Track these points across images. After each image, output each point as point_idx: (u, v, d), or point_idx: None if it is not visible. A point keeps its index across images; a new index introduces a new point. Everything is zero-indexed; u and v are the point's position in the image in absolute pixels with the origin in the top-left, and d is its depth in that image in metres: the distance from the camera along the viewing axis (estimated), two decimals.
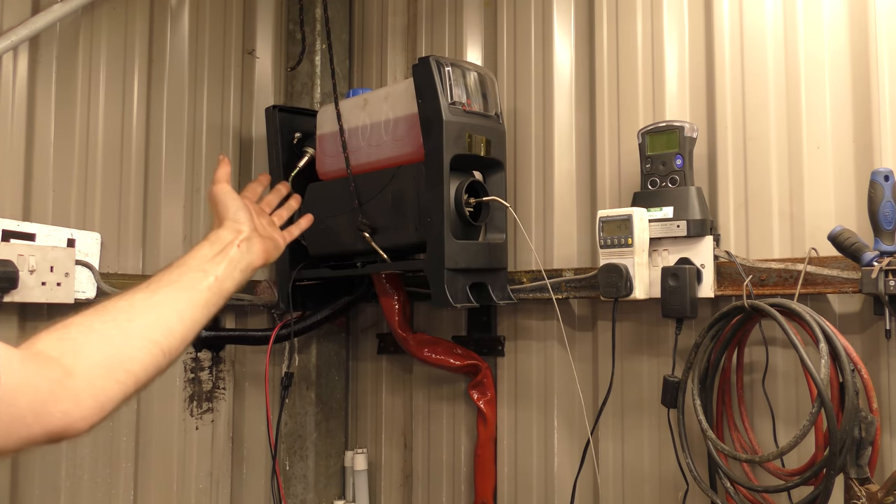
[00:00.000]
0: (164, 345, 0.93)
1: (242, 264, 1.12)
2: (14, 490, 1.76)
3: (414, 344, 2.08)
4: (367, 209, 1.88)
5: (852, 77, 1.49)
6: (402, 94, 1.83)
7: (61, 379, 0.81)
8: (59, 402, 0.80)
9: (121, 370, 0.88)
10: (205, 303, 1.02)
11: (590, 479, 1.81)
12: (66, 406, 0.81)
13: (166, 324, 0.95)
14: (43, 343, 0.84)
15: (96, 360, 0.86)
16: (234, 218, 1.16)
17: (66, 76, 1.88)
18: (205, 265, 1.06)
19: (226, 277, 1.07)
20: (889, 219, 1.35)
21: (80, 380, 0.83)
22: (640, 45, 1.78)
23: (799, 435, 1.32)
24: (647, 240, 1.61)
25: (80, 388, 0.83)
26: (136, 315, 0.93)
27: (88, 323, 0.89)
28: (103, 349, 0.87)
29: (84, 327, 0.88)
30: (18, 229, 1.73)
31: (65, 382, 0.81)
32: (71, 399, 0.81)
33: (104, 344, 0.88)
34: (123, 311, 0.92)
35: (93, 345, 0.87)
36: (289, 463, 2.30)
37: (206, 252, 1.08)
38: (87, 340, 0.87)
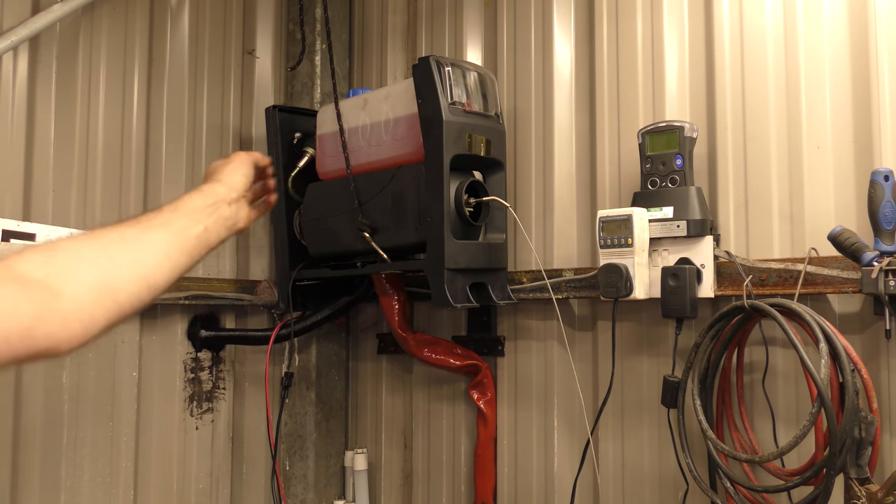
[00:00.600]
0: (150, 280, 0.94)
1: (230, 222, 1.15)
2: (14, 490, 1.76)
3: (414, 344, 2.08)
4: (367, 209, 1.88)
5: (852, 77, 1.49)
6: (402, 94, 1.83)
7: (48, 301, 0.80)
8: (45, 324, 0.80)
9: (108, 297, 0.88)
10: (190, 249, 1.04)
11: (590, 479, 1.81)
12: (52, 328, 0.80)
13: (154, 261, 0.96)
14: (27, 263, 0.83)
15: (85, 284, 0.85)
16: (231, 176, 1.20)
17: (66, 76, 1.88)
18: (196, 214, 1.08)
19: (213, 230, 1.10)
20: (889, 219, 1.35)
21: (67, 302, 0.82)
22: (640, 45, 1.78)
23: (799, 435, 1.32)
24: (647, 240, 1.61)
25: (67, 310, 0.82)
26: (126, 247, 0.94)
27: (77, 249, 0.89)
28: (92, 274, 0.87)
29: (72, 253, 0.88)
30: (18, 229, 1.73)
31: (51, 304, 0.81)
32: (58, 322, 0.81)
33: (93, 270, 0.87)
34: (114, 241, 0.93)
35: (81, 269, 0.86)
36: (289, 463, 2.30)
37: (199, 202, 1.11)
38: (76, 265, 0.86)
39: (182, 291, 2.02)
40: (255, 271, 2.27)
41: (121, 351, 1.96)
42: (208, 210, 1.11)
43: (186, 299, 2.01)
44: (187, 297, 2.02)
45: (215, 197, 1.14)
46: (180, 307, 2.07)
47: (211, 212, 1.11)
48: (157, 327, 2.04)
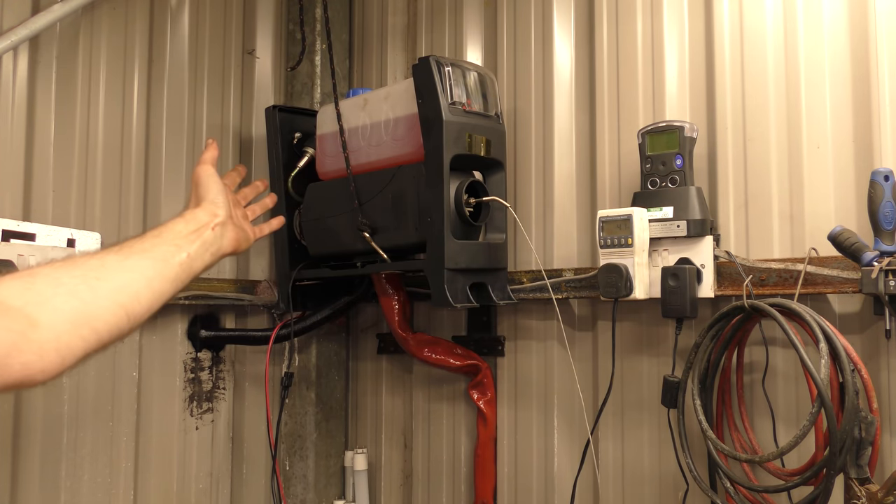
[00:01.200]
0: (129, 309, 0.93)
1: (213, 248, 1.13)
2: (14, 490, 1.76)
3: (414, 344, 2.08)
4: (367, 209, 1.88)
5: (852, 77, 1.49)
6: (402, 94, 1.83)
7: (24, 330, 0.79)
8: (20, 354, 0.78)
9: (86, 327, 0.86)
10: (174, 277, 1.03)
11: (590, 479, 1.81)
12: (28, 358, 0.79)
13: (135, 289, 0.94)
14: (5, 290, 0.81)
15: (63, 313, 0.84)
16: (212, 201, 1.17)
17: (66, 76, 1.88)
18: (179, 240, 1.07)
19: (197, 257, 1.08)
20: (889, 219, 1.35)
21: (44, 332, 0.81)
22: (640, 45, 1.78)
23: (799, 435, 1.32)
24: (647, 240, 1.61)
25: (44, 340, 0.81)
26: (106, 275, 0.92)
27: (56, 276, 0.87)
28: (70, 303, 0.85)
29: (51, 279, 0.86)
30: (18, 229, 1.73)
31: (28, 334, 0.79)
32: (34, 352, 0.79)
33: (71, 298, 0.86)
34: (93, 269, 0.91)
35: (59, 298, 0.85)
36: (289, 463, 2.30)
37: (181, 228, 1.09)
38: (54, 293, 0.85)
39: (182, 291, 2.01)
40: (255, 271, 2.27)
41: (121, 351, 1.96)
42: (191, 237, 1.09)
43: (186, 299, 2.01)
44: (187, 296, 2.02)
45: (197, 223, 1.11)
46: (180, 307, 2.07)
47: (194, 238, 1.09)
48: (157, 327, 2.04)
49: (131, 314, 0.93)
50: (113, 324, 0.90)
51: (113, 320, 0.90)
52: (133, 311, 0.93)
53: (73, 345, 0.85)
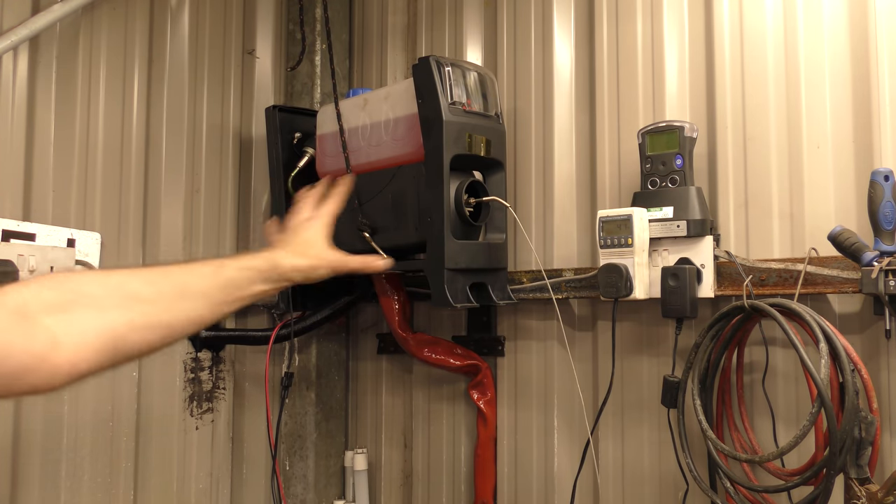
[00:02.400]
0: (157, 345, 0.93)
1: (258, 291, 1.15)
2: (14, 490, 1.76)
3: (414, 344, 2.08)
4: (367, 209, 1.88)
5: (852, 77, 1.49)
6: (402, 94, 1.83)
7: (45, 354, 0.78)
8: (33, 375, 0.78)
9: (109, 355, 0.86)
10: (210, 320, 1.04)
11: (590, 479, 1.81)
12: (39, 379, 0.79)
13: (173, 329, 0.95)
14: (39, 302, 0.80)
15: (90, 341, 0.83)
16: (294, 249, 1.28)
17: (66, 76, 1.88)
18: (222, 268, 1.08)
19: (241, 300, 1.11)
20: (889, 219, 1.35)
21: (64, 355, 0.80)
22: (640, 45, 1.78)
23: (799, 435, 1.32)
24: (647, 240, 1.61)
25: (61, 362, 0.80)
26: (151, 311, 0.92)
27: (98, 300, 0.86)
28: (103, 336, 0.85)
29: (92, 305, 0.85)
30: (18, 229, 1.73)
31: (47, 357, 0.79)
32: (47, 372, 0.79)
33: (106, 330, 0.85)
34: (140, 301, 0.91)
35: (92, 327, 0.84)
36: (289, 463, 2.30)
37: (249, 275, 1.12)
38: (89, 321, 0.84)
39: None
40: None
41: None
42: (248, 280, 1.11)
43: None
44: None
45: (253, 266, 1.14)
46: None
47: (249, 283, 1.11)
48: None
49: (156, 348, 0.94)
50: (134, 354, 0.91)
51: (137, 352, 0.91)
52: (159, 346, 0.94)
53: (89, 369, 0.84)
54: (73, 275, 0.88)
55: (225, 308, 1.06)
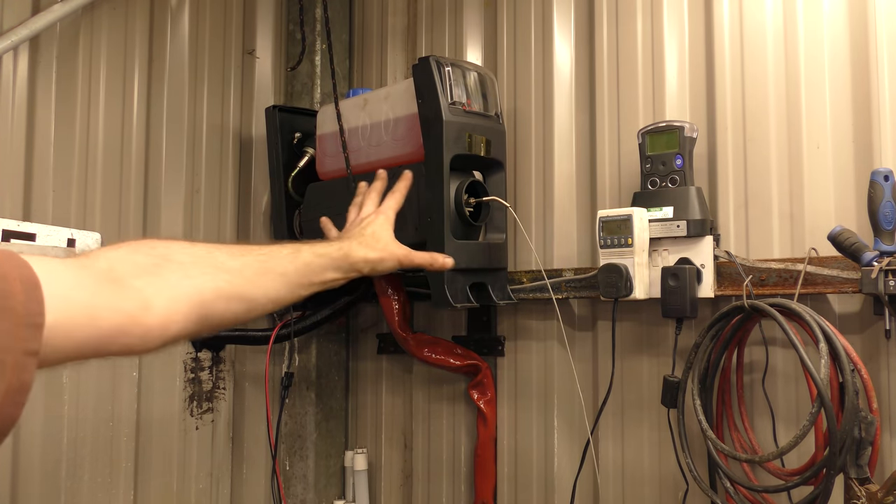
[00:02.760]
0: (241, 317, 0.95)
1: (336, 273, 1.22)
2: (14, 490, 1.76)
3: (414, 344, 2.08)
4: None
5: (852, 77, 1.49)
6: (402, 94, 1.83)
7: (136, 315, 0.78)
8: (126, 336, 0.78)
9: (198, 320, 0.87)
10: (293, 298, 1.07)
11: (590, 479, 1.81)
12: (132, 342, 0.79)
13: (257, 301, 0.97)
14: (132, 262, 0.81)
15: (180, 305, 0.84)
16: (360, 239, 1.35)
17: (66, 76, 1.88)
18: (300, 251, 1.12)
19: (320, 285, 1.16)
20: (889, 219, 1.35)
21: (155, 317, 0.80)
22: (640, 45, 1.78)
23: (799, 435, 1.32)
24: (647, 240, 1.61)
25: (152, 324, 0.80)
26: (237, 281, 0.93)
27: (186, 268, 0.87)
28: (192, 298, 0.85)
29: (182, 272, 0.86)
30: (18, 229, 1.73)
31: (139, 318, 0.78)
32: (139, 336, 0.79)
33: (194, 294, 0.86)
34: (229, 271, 0.92)
35: (182, 290, 0.84)
36: (289, 463, 2.30)
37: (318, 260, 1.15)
38: (178, 284, 0.84)
39: None
40: None
41: None
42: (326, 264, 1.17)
43: None
44: None
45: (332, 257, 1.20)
46: None
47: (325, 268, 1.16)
48: None
49: (240, 320, 0.95)
50: (221, 325, 0.92)
51: (223, 322, 0.92)
52: (243, 318, 0.95)
53: (179, 332, 0.85)
54: (161, 241, 0.89)
55: (300, 291, 1.09)
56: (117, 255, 0.82)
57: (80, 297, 0.73)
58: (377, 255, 1.33)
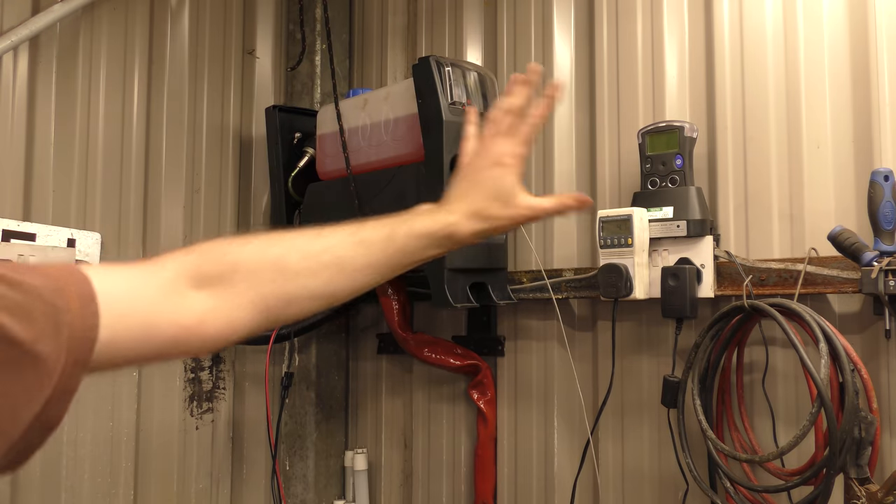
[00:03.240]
0: (329, 304, 0.93)
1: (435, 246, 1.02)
2: (14, 490, 1.76)
3: (414, 344, 2.08)
4: (367, 209, 1.88)
5: (852, 76, 1.49)
6: (402, 94, 1.83)
7: (194, 327, 0.80)
8: (183, 346, 0.80)
9: (264, 322, 0.86)
10: (375, 283, 0.98)
11: (590, 479, 1.81)
12: (190, 350, 0.81)
13: (346, 286, 0.93)
14: (200, 272, 0.81)
15: (243, 313, 0.84)
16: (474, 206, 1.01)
17: (66, 76, 1.88)
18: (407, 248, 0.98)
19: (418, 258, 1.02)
20: (889, 219, 1.35)
21: (214, 327, 0.81)
22: (640, 45, 1.78)
23: (799, 435, 1.32)
24: (647, 240, 1.61)
25: (209, 334, 0.81)
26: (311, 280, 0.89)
27: (257, 274, 0.85)
28: (257, 305, 0.85)
29: (249, 279, 0.84)
30: (18, 229, 1.73)
31: (197, 330, 0.80)
32: (197, 344, 0.81)
33: (259, 301, 0.85)
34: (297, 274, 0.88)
35: (247, 298, 0.84)
36: (289, 463, 2.30)
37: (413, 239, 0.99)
38: (244, 292, 0.84)
39: None
40: None
41: None
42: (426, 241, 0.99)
43: None
44: None
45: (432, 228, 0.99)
46: None
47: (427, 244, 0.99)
48: None
49: (316, 310, 0.92)
50: (299, 314, 0.90)
51: (298, 312, 0.90)
52: (319, 308, 0.92)
53: (241, 334, 0.85)
54: (234, 245, 0.87)
55: (391, 274, 1.00)
56: (185, 264, 0.82)
57: (138, 312, 0.75)
58: (491, 224, 1.01)
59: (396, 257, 0.98)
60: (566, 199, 1.05)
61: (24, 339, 0.62)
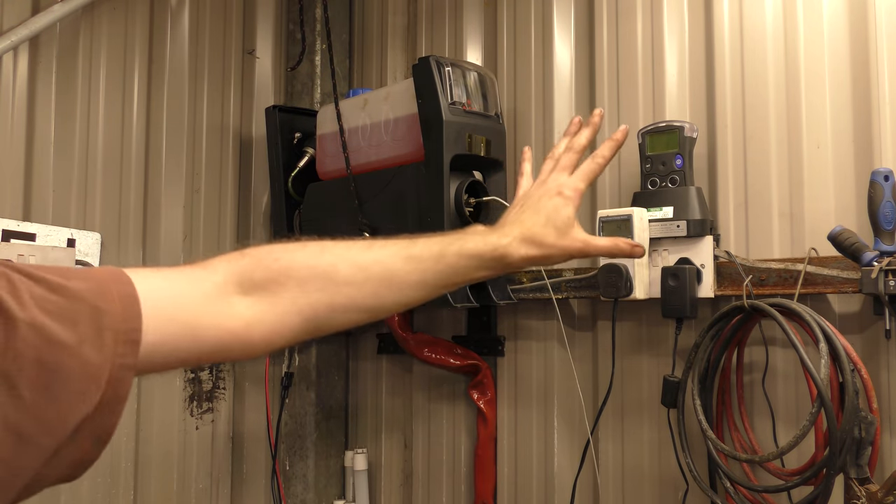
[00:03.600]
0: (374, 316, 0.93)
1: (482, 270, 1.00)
2: None
3: (414, 344, 2.08)
4: (367, 209, 1.89)
5: (852, 76, 1.49)
6: (402, 94, 1.83)
7: (240, 333, 0.80)
8: (228, 352, 0.81)
9: (311, 331, 0.86)
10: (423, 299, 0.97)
11: (590, 479, 1.81)
12: (235, 354, 0.82)
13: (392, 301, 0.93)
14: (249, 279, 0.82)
15: (290, 320, 0.84)
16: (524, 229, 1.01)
17: (66, 76, 1.88)
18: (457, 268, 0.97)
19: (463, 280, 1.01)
20: (889, 219, 1.35)
21: (259, 334, 0.82)
22: (640, 45, 1.78)
23: (799, 435, 1.32)
24: (647, 240, 1.61)
25: (256, 342, 0.82)
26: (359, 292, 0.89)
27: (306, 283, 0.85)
28: (304, 314, 0.85)
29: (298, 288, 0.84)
30: (18, 229, 1.73)
31: (242, 336, 0.80)
32: (241, 350, 0.81)
33: (307, 309, 0.85)
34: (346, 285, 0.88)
35: (295, 307, 0.84)
36: (289, 463, 2.30)
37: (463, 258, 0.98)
38: (293, 300, 0.84)
39: None
40: None
41: None
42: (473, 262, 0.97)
43: None
44: None
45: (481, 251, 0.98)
46: None
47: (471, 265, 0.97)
48: None
49: (361, 321, 0.92)
50: (345, 324, 0.90)
51: (344, 322, 0.90)
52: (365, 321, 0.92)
53: (286, 341, 0.85)
54: (286, 252, 0.87)
55: (438, 293, 0.98)
56: (235, 268, 0.82)
57: (183, 316, 0.75)
58: (543, 252, 1.00)
59: (446, 275, 0.97)
60: (621, 242, 1.07)
61: (69, 343, 0.62)
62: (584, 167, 1.08)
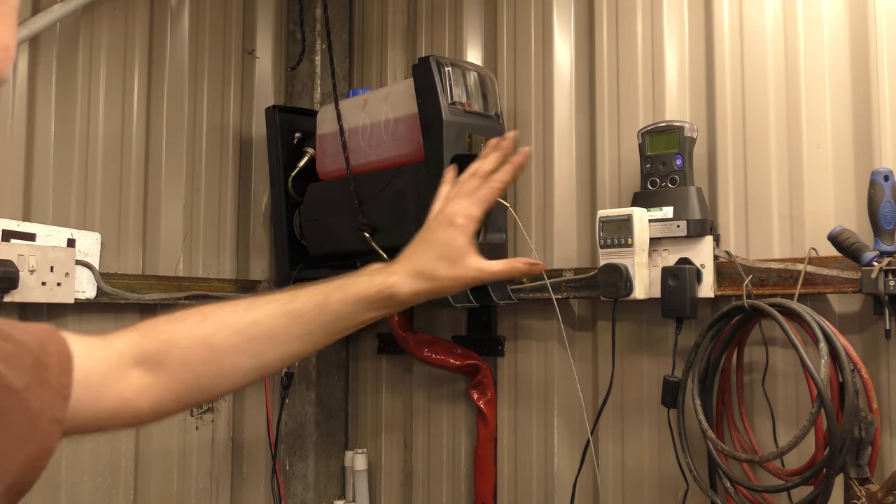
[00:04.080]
0: (262, 375, 0.95)
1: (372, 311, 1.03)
2: None
3: (414, 344, 2.08)
4: (367, 209, 1.89)
5: (852, 76, 1.49)
6: (402, 94, 1.83)
7: (130, 400, 0.84)
8: (120, 418, 0.85)
9: (198, 396, 0.91)
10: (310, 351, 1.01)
11: (590, 479, 1.81)
12: (127, 422, 0.86)
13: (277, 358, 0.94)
14: (140, 350, 0.85)
15: (175, 387, 0.87)
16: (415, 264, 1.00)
17: (66, 76, 1.88)
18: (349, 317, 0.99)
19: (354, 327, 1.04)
20: (889, 219, 1.35)
21: (147, 402, 0.85)
22: (640, 45, 1.78)
23: (799, 435, 1.32)
24: (647, 240, 1.61)
25: (143, 409, 0.86)
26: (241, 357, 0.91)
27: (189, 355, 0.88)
28: (187, 384, 0.88)
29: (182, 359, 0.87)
30: (18, 229, 1.73)
31: (132, 403, 0.84)
32: (132, 416, 0.86)
33: (190, 379, 0.88)
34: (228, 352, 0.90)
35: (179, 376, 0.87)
36: (289, 463, 2.30)
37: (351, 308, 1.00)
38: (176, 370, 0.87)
39: (182, 291, 2.02)
40: (255, 271, 2.27)
41: None
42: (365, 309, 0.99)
43: (187, 299, 2.01)
44: (187, 296, 2.02)
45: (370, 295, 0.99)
46: (181, 307, 2.07)
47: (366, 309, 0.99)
48: None
49: (263, 373, 0.94)
50: (232, 387, 0.94)
51: (229, 387, 0.93)
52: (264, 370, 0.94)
53: (170, 409, 0.89)
54: (170, 324, 0.90)
55: (329, 340, 1.00)
56: (129, 341, 0.86)
57: (95, 379, 0.80)
58: (434, 285, 0.99)
59: (331, 324, 0.98)
60: (517, 263, 1.06)
61: (17, 388, 0.65)
62: (479, 193, 1.07)
